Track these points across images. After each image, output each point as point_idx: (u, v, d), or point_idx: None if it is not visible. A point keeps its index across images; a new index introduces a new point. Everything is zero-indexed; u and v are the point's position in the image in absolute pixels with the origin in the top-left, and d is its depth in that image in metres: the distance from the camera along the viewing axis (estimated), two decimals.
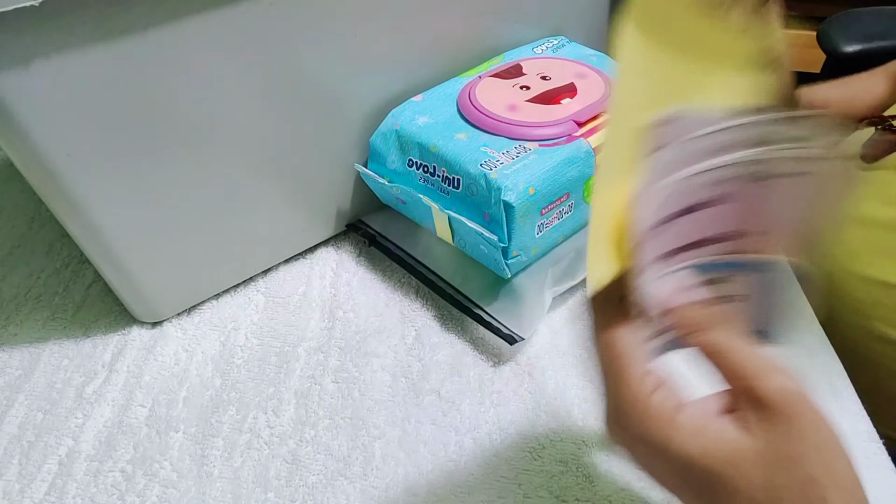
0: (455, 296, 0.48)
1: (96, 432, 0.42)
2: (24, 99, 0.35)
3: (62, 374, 0.46)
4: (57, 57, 0.34)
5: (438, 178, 0.46)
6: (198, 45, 0.39)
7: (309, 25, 0.42)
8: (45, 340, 0.49)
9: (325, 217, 0.53)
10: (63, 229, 0.57)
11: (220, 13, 0.38)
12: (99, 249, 0.43)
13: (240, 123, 0.43)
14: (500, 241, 0.43)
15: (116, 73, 0.37)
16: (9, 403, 0.44)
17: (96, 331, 0.49)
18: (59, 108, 0.36)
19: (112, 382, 0.45)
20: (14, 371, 0.47)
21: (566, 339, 0.46)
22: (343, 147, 0.50)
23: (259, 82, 0.42)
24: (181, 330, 0.49)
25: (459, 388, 0.43)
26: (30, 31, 0.33)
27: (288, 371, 0.45)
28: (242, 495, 0.39)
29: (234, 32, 0.39)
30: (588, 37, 0.59)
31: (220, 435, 0.42)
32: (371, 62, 0.47)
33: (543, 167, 0.43)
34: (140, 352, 0.47)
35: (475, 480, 0.39)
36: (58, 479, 0.40)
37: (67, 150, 0.37)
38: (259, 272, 0.52)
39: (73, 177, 0.39)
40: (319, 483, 0.39)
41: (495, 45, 0.55)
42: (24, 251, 0.56)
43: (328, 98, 0.47)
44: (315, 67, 0.44)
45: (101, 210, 0.41)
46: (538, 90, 0.49)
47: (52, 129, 0.36)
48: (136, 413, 0.43)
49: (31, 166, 0.38)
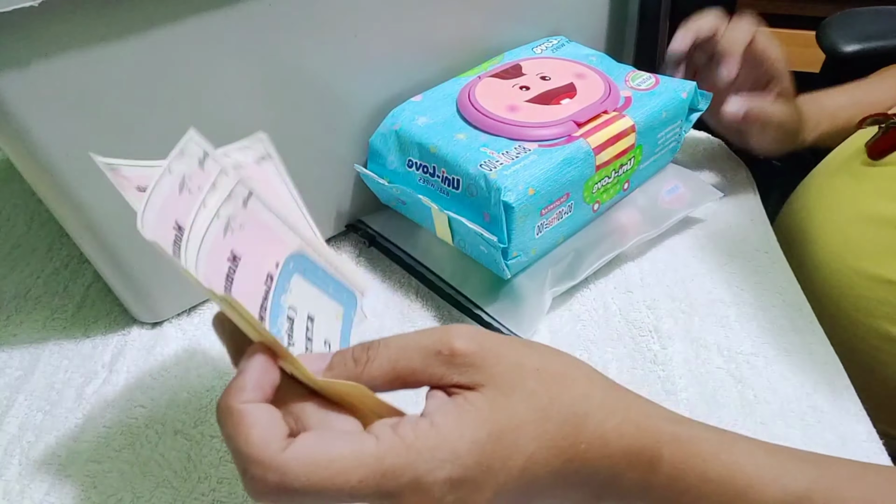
0: (455, 296, 0.48)
1: (96, 433, 0.42)
2: (24, 99, 0.35)
3: (62, 374, 0.46)
4: (57, 57, 0.34)
5: (438, 179, 0.46)
6: (198, 45, 0.39)
7: (309, 25, 0.42)
8: (45, 341, 0.49)
9: (325, 217, 0.53)
10: (63, 229, 0.57)
11: (221, 13, 0.38)
12: (99, 249, 0.43)
13: (240, 123, 0.43)
14: (500, 242, 0.43)
15: (116, 73, 0.37)
16: (9, 404, 0.44)
17: (96, 331, 0.49)
18: (59, 108, 0.36)
19: (112, 383, 0.45)
20: (14, 371, 0.47)
21: (566, 339, 0.47)
22: (343, 147, 0.50)
23: (259, 82, 0.42)
24: (181, 330, 0.49)
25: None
26: (30, 31, 0.33)
27: None
28: (243, 495, 0.39)
29: (233, 32, 0.39)
30: (588, 37, 0.59)
31: (219, 436, 0.42)
32: (371, 62, 0.47)
33: (543, 168, 0.43)
34: (140, 352, 0.47)
35: None
36: (58, 480, 0.40)
37: (67, 149, 0.37)
38: None
39: (73, 177, 0.39)
40: None
41: (495, 46, 0.55)
42: (23, 251, 0.56)
43: (328, 98, 0.47)
44: (315, 68, 0.44)
45: (101, 210, 0.41)
46: (538, 90, 0.49)
47: (52, 129, 0.36)
48: (135, 413, 0.43)
49: (31, 166, 0.38)
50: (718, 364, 0.44)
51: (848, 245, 0.50)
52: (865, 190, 0.51)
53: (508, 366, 0.26)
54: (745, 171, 0.60)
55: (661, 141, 0.51)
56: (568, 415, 0.26)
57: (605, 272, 0.51)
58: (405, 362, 0.27)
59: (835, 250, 0.51)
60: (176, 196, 0.27)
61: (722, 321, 0.47)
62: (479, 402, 0.25)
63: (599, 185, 0.47)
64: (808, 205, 0.55)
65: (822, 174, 0.57)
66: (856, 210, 0.50)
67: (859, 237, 0.49)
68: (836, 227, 0.51)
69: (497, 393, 0.26)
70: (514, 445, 0.25)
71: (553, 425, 0.26)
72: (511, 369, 0.26)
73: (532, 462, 0.25)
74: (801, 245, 0.54)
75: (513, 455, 0.25)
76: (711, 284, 0.50)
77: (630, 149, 0.48)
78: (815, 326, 0.47)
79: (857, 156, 0.52)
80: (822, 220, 0.53)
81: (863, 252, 0.49)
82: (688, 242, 0.53)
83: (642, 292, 0.49)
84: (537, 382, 0.26)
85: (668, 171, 0.55)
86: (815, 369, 0.43)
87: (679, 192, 0.54)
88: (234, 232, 0.29)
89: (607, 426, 0.26)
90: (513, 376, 0.26)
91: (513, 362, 0.26)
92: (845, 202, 0.52)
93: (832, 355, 0.45)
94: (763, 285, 0.49)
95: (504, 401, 0.25)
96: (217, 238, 0.28)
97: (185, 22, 0.37)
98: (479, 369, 0.26)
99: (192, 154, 0.29)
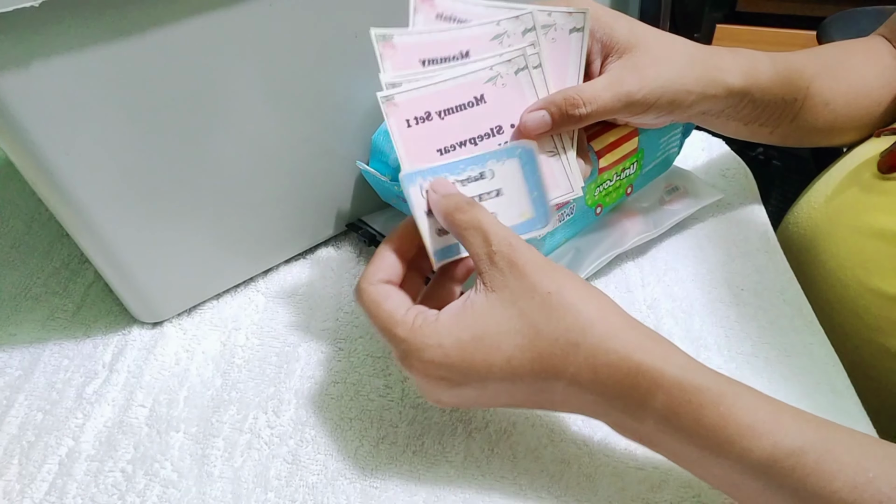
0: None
1: (97, 432, 0.42)
2: (24, 99, 0.34)
3: (62, 374, 0.46)
4: (57, 57, 0.34)
5: None
6: (198, 44, 0.38)
7: (309, 25, 0.42)
8: (45, 340, 0.49)
9: (325, 217, 0.53)
10: (62, 229, 0.57)
11: (221, 13, 0.38)
12: (99, 249, 0.43)
13: (240, 123, 0.43)
14: None
15: (116, 73, 0.37)
16: (9, 404, 0.44)
17: (96, 331, 0.49)
18: (59, 108, 0.36)
19: (112, 382, 0.45)
20: (14, 371, 0.47)
21: None
22: (343, 146, 0.50)
23: (259, 82, 0.42)
24: (181, 330, 0.49)
25: None
26: (30, 31, 0.33)
27: (288, 371, 0.45)
28: (243, 495, 0.39)
29: (234, 32, 0.39)
30: None
31: (220, 435, 0.42)
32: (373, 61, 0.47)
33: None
34: (140, 352, 0.47)
35: (475, 481, 0.39)
36: (58, 480, 0.40)
37: (67, 149, 0.37)
38: (259, 272, 0.52)
39: (73, 177, 0.39)
40: (320, 483, 0.39)
41: None
42: (23, 251, 0.56)
43: (328, 98, 0.47)
44: (316, 67, 0.44)
45: (101, 210, 0.41)
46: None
47: (52, 129, 0.36)
48: (136, 413, 0.43)
49: (30, 166, 0.38)
50: (718, 364, 0.44)
51: (858, 260, 0.48)
52: (877, 203, 0.48)
53: (523, 283, 0.31)
54: (745, 171, 0.60)
55: (662, 146, 0.51)
56: (560, 338, 0.31)
57: (605, 272, 0.51)
58: (475, 234, 0.33)
59: (844, 265, 0.48)
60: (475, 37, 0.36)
61: (722, 321, 0.47)
62: (478, 305, 0.32)
63: (601, 188, 0.47)
64: (814, 215, 0.53)
65: (829, 184, 0.54)
66: (866, 224, 0.48)
67: (870, 252, 0.47)
68: (846, 240, 0.49)
69: (498, 301, 0.32)
70: (496, 348, 0.31)
71: (543, 343, 0.31)
72: (523, 286, 0.31)
73: (511, 365, 0.31)
74: (808, 257, 0.52)
75: (493, 355, 0.31)
76: (711, 284, 0.50)
77: (633, 153, 0.48)
78: (816, 326, 0.47)
79: (869, 167, 0.50)
80: (830, 233, 0.51)
81: (874, 268, 0.46)
82: (688, 242, 0.53)
83: (642, 292, 0.49)
84: (541, 303, 0.31)
85: (668, 171, 0.55)
86: (815, 369, 0.44)
87: (679, 193, 0.54)
88: (496, 84, 0.36)
89: (599, 360, 0.30)
90: (521, 292, 0.31)
91: (529, 282, 0.31)
92: (855, 215, 0.49)
93: (832, 355, 0.44)
94: (763, 285, 0.49)
95: (500, 310, 0.31)
96: (478, 79, 0.35)
97: (185, 22, 0.37)
98: (501, 276, 0.32)
99: (523, 21, 0.36)
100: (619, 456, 0.39)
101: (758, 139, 0.52)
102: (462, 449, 0.40)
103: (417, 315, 0.33)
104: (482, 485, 0.38)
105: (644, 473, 0.38)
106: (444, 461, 0.40)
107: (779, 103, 0.47)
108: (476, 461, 0.39)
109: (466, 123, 0.35)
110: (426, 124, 0.35)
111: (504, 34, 0.36)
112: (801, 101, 0.48)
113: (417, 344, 0.32)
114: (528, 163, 0.36)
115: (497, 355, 0.31)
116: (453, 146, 0.36)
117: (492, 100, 0.36)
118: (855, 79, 0.51)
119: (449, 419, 0.42)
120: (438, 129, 0.35)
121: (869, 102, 0.51)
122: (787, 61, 0.47)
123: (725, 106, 0.45)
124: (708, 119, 0.47)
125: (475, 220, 0.33)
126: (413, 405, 0.43)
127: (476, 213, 0.33)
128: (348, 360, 0.46)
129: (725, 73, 0.43)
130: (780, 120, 0.49)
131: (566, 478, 0.38)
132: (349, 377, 0.45)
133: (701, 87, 0.42)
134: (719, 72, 0.43)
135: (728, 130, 0.50)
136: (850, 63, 0.52)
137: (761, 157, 0.71)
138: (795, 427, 0.29)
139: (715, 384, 0.30)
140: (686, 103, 0.42)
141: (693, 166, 0.60)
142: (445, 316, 0.32)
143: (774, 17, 1.66)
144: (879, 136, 0.51)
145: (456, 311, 0.32)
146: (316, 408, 0.43)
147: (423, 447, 0.40)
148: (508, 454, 0.40)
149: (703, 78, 0.42)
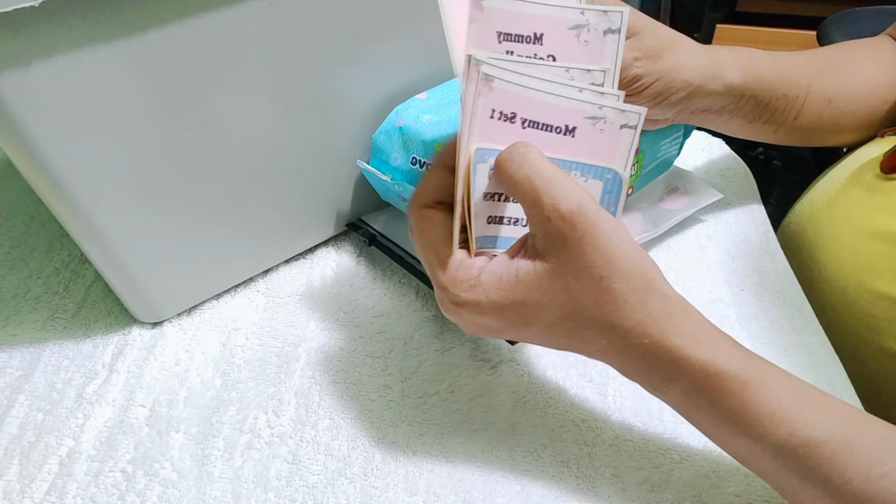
0: None
1: (97, 432, 0.42)
2: (24, 99, 0.34)
3: (62, 374, 0.46)
4: (57, 57, 0.34)
5: None
6: (198, 44, 0.38)
7: (309, 25, 0.42)
8: (45, 341, 0.49)
9: (325, 217, 0.53)
10: (63, 229, 0.57)
11: (221, 13, 0.38)
12: (99, 249, 0.43)
13: (240, 123, 0.43)
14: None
15: (116, 73, 0.37)
16: (9, 404, 0.44)
17: (96, 331, 0.49)
18: (59, 108, 0.36)
19: (112, 382, 0.45)
20: (14, 371, 0.47)
21: None
22: (344, 146, 0.50)
23: (259, 82, 0.42)
24: (181, 330, 0.49)
25: (459, 388, 0.43)
26: (30, 31, 0.33)
27: (288, 371, 0.45)
28: (243, 495, 0.39)
29: (234, 32, 0.39)
30: None
31: (220, 435, 0.42)
32: (373, 60, 0.47)
33: None
34: (140, 352, 0.47)
35: (475, 481, 0.39)
36: (58, 480, 0.40)
37: (67, 149, 0.37)
38: (259, 272, 0.52)
39: (73, 177, 0.39)
40: (320, 483, 0.39)
41: None
42: (23, 251, 0.56)
43: (328, 99, 0.47)
44: (316, 67, 0.44)
45: (101, 210, 0.41)
46: None
47: (52, 129, 0.36)
48: (136, 413, 0.43)
49: (30, 166, 0.38)
50: None
51: (858, 261, 0.47)
52: (879, 204, 0.47)
53: (576, 263, 0.30)
54: (745, 171, 0.60)
55: (663, 147, 0.51)
56: (600, 319, 0.31)
57: None
58: (532, 192, 0.30)
59: (844, 266, 0.48)
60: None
61: (722, 321, 0.47)
62: (523, 272, 0.31)
63: None
64: (816, 215, 0.53)
65: (830, 184, 0.54)
66: (868, 225, 0.47)
67: (871, 254, 0.47)
68: (846, 241, 0.49)
69: (546, 274, 0.31)
70: (535, 315, 0.32)
71: (583, 319, 0.31)
72: (575, 266, 0.30)
73: (549, 328, 0.32)
74: (809, 257, 0.52)
75: (531, 320, 0.32)
76: (711, 284, 0.50)
77: (634, 153, 0.48)
78: (816, 326, 0.47)
79: (871, 167, 0.49)
80: (832, 233, 0.50)
81: (875, 269, 0.46)
82: (688, 242, 0.53)
83: None
84: (589, 286, 0.30)
85: (668, 171, 0.55)
86: (815, 369, 0.43)
87: (679, 193, 0.54)
88: (594, 126, 0.33)
89: (632, 341, 0.31)
90: (572, 268, 0.30)
91: (582, 263, 0.30)
92: (857, 216, 0.49)
93: (832, 355, 0.44)
94: (763, 285, 0.49)
95: (547, 281, 0.31)
96: (580, 110, 0.33)
97: (185, 22, 0.37)
98: (553, 249, 0.30)
99: (611, 20, 0.33)
100: (619, 456, 0.39)
101: (762, 138, 0.52)
102: (462, 449, 0.40)
103: (460, 266, 0.33)
104: (483, 485, 0.38)
105: (644, 474, 0.38)
106: (444, 461, 0.40)
107: (780, 99, 0.47)
108: (476, 462, 0.39)
109: (542, 144, 0.32)
110: (505, 123, 0.32)
111: (585, 27, 0.33)
112: (804, 97, 0.48)
113: (455, 297, 0.32)
114: (612, 190, 0.34)
115: (535, 320, 0.32)
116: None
117: (581, 137, 0.33)
118: (858, 76, 0.51)
119: (449, 420, 0.42)
120: (512, 133, 0.32)
121: (873, 100, 0.51)
122: (787, 58, 0.48)
123: (726, 102, 0.45)
124: (710, 117, 0.47)
125: (530, 176, 0.30)
126: (413, 405, 0.43)
127: (529, 170, 0.30)
128: (348, 360, 0.46)
129: (724, 68, 0.43)
130: (783, 117, 0.49)
131: (566, 479, 0.38)
132: (349, 377, 0.45)
133: (700, 80, 0.42)
134: (718, 66, 0.43)
135: (732, 129, 0.50)
136: (854, 61, 0.52)
137: (761, 157, 0.71)
138: (816, 417, 0.30)
139: (742, 371, 0.30)
140: (684, 94, 0.42)
141: (693, 166, 0.60)
142: (487, 276, 0.32)
143: (774, 17, 1.66)
144: (883, 136, 0.51)
145: (500, 273, 0.32)
146: (316, 408, 0.43)
147: (423, 447, 0.40)
148: (509, 455, 0.40)
149: (703, 71, 0.42)
